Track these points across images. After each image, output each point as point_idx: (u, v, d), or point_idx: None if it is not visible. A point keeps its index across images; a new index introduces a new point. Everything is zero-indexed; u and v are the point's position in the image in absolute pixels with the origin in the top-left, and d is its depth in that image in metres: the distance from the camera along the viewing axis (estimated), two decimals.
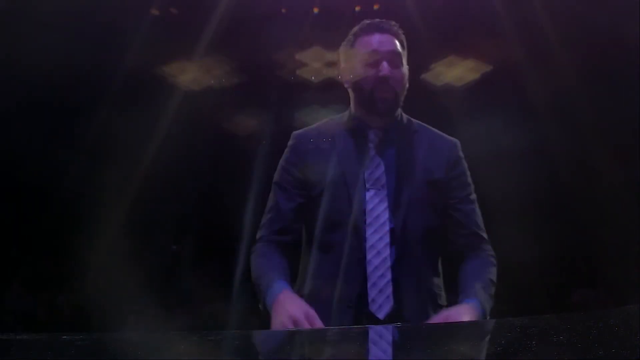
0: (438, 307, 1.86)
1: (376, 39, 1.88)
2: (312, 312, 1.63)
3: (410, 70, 1.95)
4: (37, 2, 5.59)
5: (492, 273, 1.85)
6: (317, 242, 1.83)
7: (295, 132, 1.98)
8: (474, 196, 1.93)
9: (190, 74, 6.63)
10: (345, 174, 1.83)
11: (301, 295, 1.83)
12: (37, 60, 5.52)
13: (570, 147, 6.52)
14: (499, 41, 6.11)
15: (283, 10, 6.45)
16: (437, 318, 1.71)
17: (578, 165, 6.52)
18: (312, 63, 6.20)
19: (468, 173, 1.94)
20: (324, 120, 2.00)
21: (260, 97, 6.69)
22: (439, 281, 1.90)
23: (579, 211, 6.47)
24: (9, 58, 5.67)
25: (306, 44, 6.23)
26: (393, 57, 1.87)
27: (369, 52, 1.87)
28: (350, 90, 1.95)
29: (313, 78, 6.06)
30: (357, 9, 6.00)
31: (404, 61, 1.92)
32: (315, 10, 6.27)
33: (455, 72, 6.50)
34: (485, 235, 1.93)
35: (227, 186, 6.92)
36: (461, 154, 1.95)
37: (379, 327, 1.62)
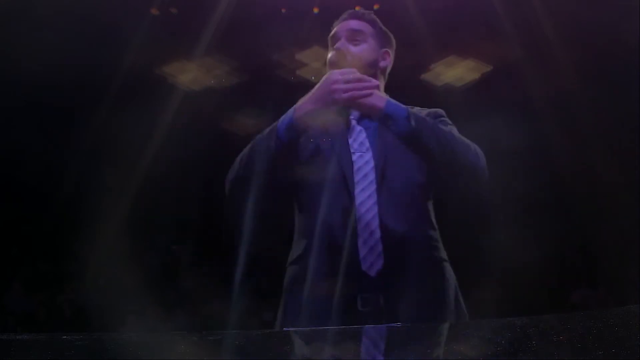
0: (439, 260, 1.86)
1: (342, 25, 2.00)
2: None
3: (410, 69, 1.98)
4: (37, 2, 5.60)
5: (456, 135, 1.84)
6: (309, 206, 1.87)
7: None
8: (454, 132, 1.90)
9: (190, 74, 6.63)
10: (331, 142, 1.90)
11: (298, 259, 1.86)
12: (37, 60, 5.52)
13: (570, 147, 6.52)
14: (499, 41, 6.11)
15: (283, 10, 6.45)
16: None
17: (578, 165, 6.52)
18: (312, 63, 6.18)
19: (450, 121, 1.96)
20: None
21: (260, 97, 6.69)
22: (435, 234, 1.90)
23: (579, 211, 6.48)
24: (9, 58, 5.67)
25: (306, 44, 6.23)
26: (351, 34, 1.97)
27: (332, 35, 2.00)
28: None
29: (313, 78, 6.04)
30: (357, 9, 6.00)
31: (374, 41, 1.98)
32: (315, 10, 6.28)
33: (455, 72, 6.50)
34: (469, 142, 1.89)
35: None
36: (444, 114, 1.99)
37: (379, 327, 1.62)
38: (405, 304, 1.73)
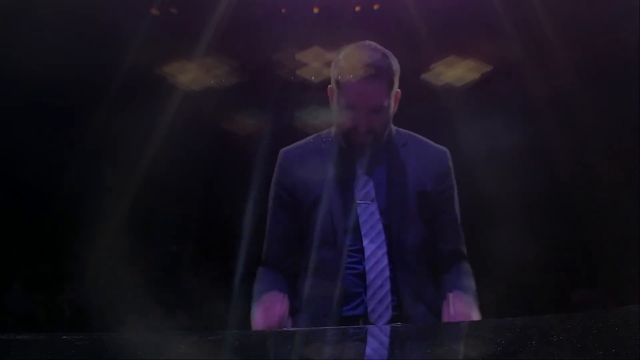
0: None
1: (359, 89, 1.78)
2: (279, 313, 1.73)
3: (410, 69, 1.93)
4: (37, 2, 5.60)
5: (473, 285, 1.87)
6: (313, 256, 1.84)
7: (282, 150, 1.96)
8: (458, 210, 1.93)
9: (190, 74, 6.63)
10: (335, 191, 1.84)
11: (298, 308, 1.85)
12: (37, 60, 5.52)
13: (570, 147, 6.52)
14: (499, 41, 6.11)
15: (283, 10, 6.45)
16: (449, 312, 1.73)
17: (578, 165, 6.52)
18: (312, 63, 6.20)
19: (455, 186, 1.93)
20: (311, 137, 1.98)
21: (260, 97, 6.69)
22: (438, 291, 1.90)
23: (579, 211, 6.47)
24: (9, 58, 5.67)
25: (306, 44, 6.23)
26: (373, 108, 1.80)
27: (349, 105, 1.81)
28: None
29: (313, 78, 6.06)
30: (357, 9, 6.00)
31: (392, 90, 1.83)
32: (315, 10, 6.27)
33: (455, 72, 6.50)
34: (465, 250, 1.93)
35: (227, 186, 6.92)
36: (450, 164, 1.93)
37: (380, 327, 1.62)
38: None
